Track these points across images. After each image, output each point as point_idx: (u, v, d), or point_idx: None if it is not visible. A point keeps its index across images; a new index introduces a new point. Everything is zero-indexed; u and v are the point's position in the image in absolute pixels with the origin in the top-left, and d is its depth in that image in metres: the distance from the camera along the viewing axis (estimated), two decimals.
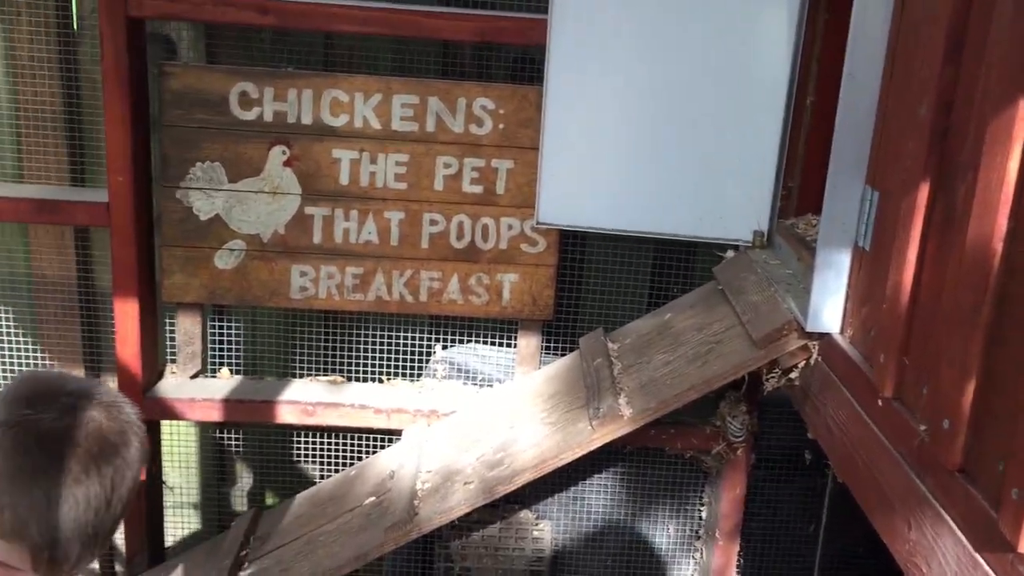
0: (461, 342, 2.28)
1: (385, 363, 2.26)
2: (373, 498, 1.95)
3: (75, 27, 2.15)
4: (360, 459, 2.25)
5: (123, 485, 1.03)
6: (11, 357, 2.28)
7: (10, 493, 0.99)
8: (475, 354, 2.25)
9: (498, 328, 2.26)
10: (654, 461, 2.23)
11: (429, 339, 2.28)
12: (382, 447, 2.25)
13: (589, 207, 1.99)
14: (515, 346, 2.21)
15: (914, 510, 1.15)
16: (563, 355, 2.19)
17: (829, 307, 1.50)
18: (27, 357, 2.28)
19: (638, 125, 1.93)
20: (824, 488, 2.18)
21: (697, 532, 2.29)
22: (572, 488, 2.24)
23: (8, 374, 2.29)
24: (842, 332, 1.51)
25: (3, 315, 2.27)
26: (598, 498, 2.26)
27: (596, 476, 2.24)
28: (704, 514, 2.26)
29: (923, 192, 1.20)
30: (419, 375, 2.27)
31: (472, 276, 2.09)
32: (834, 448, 1.47)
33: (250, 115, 1.98)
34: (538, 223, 2.02)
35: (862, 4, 1.38)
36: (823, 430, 1.52)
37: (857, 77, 1.40)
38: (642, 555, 2.31)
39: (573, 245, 2.19)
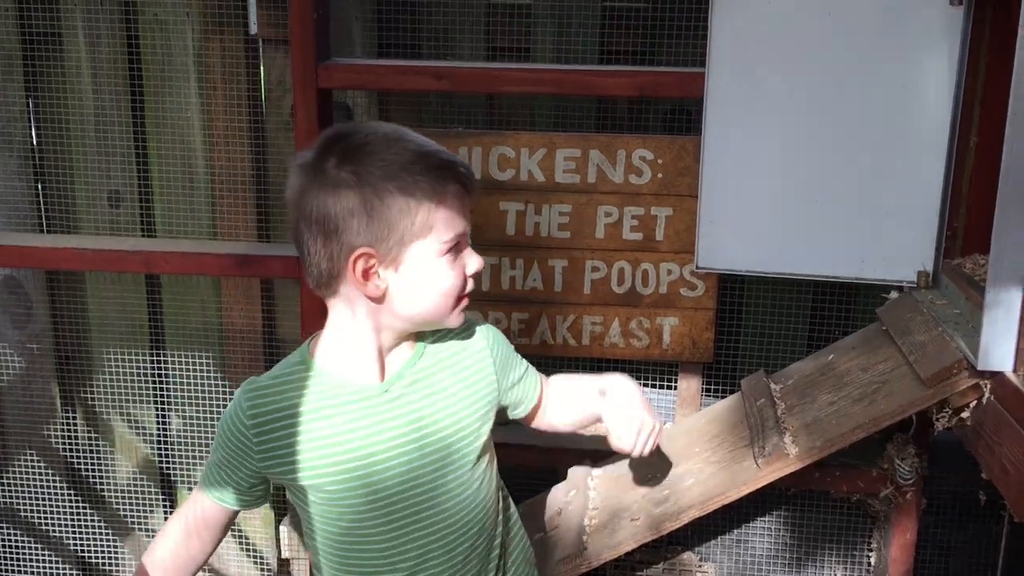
0: None
1: None
2: (541, 533, 2.03)
3: (263, 99, 2.37)
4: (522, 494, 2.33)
5: None
6: (206, 398, 2.50)
7: None
8: None
9: (659, 370, 2.32)
10: (819, 504, 2.22)
11: None
12: (545, 487, 2.33)
13: (748, 251, 2.03)
14: (676, 388, 2.26)
15: None
16: (723, 397, 2.23)
17: (1000, 345, 1.50)
18: (220, 399, 2.49)
19: (797, 170, 1.97)
20: (1000, 534, 2.12)
21: None
22: (736, 531, 2.26)
23: (201, 414, 2.51)
24: (1015, 370, 1.50)
25: (200, 361, 2.49)
26: (762, 541, 2.26)
27: (759, 519, 2.25)
28: (873, 560, 2.23)
29: None
30: None
31: (633, 320, 2.16)
32: (1010, 487, 1.45)
33: None
34: (697, 267, 2.07)
35: None
36: (998, 470, 1.51)
37: (1023, 112, 1.41)
38: None
39: (732, 288, 2.23)
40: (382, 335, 1.43)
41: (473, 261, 1.44)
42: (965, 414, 1.63)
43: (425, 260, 1.37)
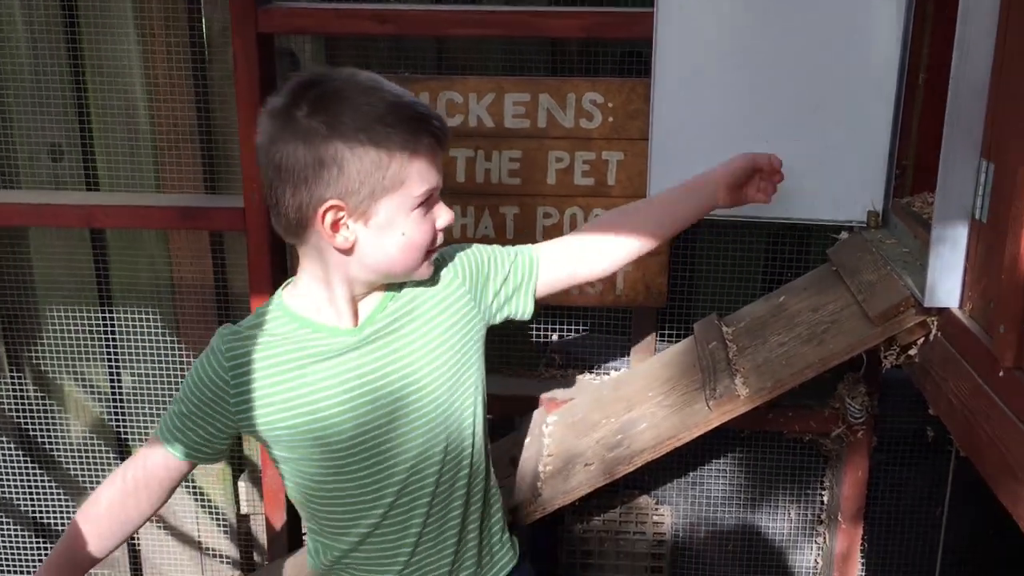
0: (576, 331, 2.34)
1: (503, 352, 2.34)
2: (497, 481, 2.03)
3: (206, 48, 2.30)
4: None
5: None
6: (158, 355, 2.46)
7: None
8: (590, 342, 2.30)
9: (613, 316, 2.32)
10: (772, 445, 2.24)
11: (545, 329, 2.35)
12: (500, 435, 2.33)
13: None
14: (630, 334, 2.25)
15: None
16: (677, 341, 2.23)
17: (947, 281, 1.50)
18: (173, 355, 2.46)
19: (746, 111, 1.95)
20: (948, 469, 2.15)
21: (819, 517, 2.29)
22: (691, 474, 2.27)
23: (156, 369, 2.47)
24: (961, 306, 1.50)
25: (150, 317, 2.45)
26: (717, 483, 2.28)
27: (714, 461, 2.27)
28: (826, 498, 2.26)
29: None
30: (536, 364, 2.34)
31: None
32: (956, 422, 1.47)
33: None
34: None
35: None
36: (944, 405, 1.52)
37: (968, 48, 1.40)
38: (763, 540, 2.32)
39: (685, 233, 2.21)
40: (353, 285, 1.41)
41: (444, 215, 1.41)
42: (913, 351, 1.64)
43: (396, 214, 1.34)
